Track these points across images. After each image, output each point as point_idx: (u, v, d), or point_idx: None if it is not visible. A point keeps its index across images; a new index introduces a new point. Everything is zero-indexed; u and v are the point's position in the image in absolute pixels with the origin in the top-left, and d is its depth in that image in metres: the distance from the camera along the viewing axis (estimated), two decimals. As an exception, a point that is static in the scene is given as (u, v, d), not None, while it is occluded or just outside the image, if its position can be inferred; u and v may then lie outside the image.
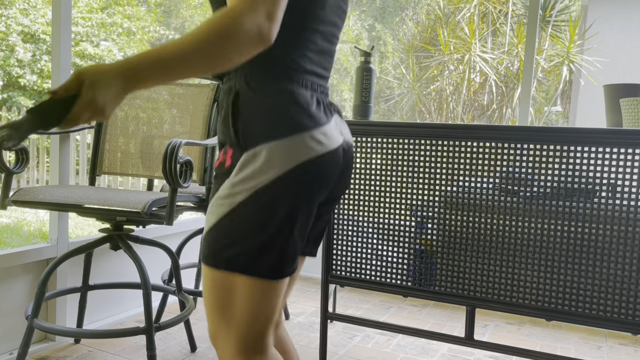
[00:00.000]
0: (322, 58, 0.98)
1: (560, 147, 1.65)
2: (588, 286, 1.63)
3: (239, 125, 0.90)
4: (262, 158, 0.88)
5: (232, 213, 0.89)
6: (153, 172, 2.15)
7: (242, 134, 0.90)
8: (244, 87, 0.92)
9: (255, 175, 0.88)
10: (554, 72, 7.12)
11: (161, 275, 2.35)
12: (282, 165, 0.87)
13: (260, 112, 0.90)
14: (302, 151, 0.89)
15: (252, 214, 0.88)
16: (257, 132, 0.89)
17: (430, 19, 8.26)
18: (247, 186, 0.88)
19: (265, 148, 0.88)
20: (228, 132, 0.92)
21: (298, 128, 0.89)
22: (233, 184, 0.89)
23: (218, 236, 0.91)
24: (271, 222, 0.89)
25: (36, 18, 8.58)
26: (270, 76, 0.91)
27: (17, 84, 8.44)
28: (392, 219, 1.89)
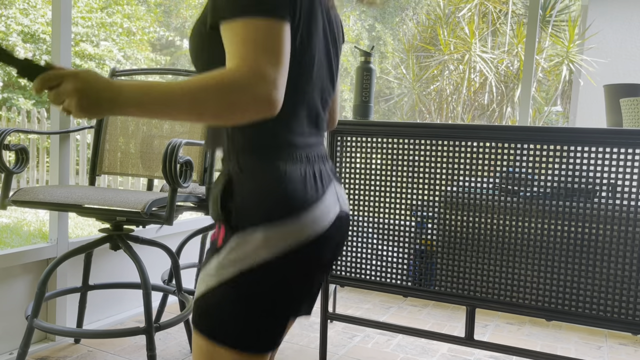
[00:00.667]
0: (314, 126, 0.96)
1: (560, 147, 1.65)
2: (588, 286, 1.63)
3: (231, 209, 0.89)
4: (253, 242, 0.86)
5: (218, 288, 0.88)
6: (153, 172, 2.15)
7: (234, 216, 0.88)
8: (236, 171, 0.90)
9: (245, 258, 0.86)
10: (554, 72, 7.12)
11: (161, 275, 2.35)
12: (271, 249, 0.86)
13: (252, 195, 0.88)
14: (294, 234, 0.87)
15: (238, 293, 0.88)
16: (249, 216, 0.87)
17: (430, 18, 8.26)
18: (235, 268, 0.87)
19: (257, 232, 0.86)
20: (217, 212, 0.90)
21: (291, 211, 0.87)
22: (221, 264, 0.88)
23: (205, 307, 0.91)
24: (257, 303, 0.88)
25: (36, 18, 8.58)
26: (262, 157, 0.89)
27: (17, 83, 8.44)
28: (392, 219, 1.89)
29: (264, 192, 0.88)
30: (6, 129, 1.78)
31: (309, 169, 0.93)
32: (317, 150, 0.97)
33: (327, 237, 0.92)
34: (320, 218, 0.90)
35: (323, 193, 0.93)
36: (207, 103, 0.75)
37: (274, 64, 0.78)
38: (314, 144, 0.96)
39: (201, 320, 0.92)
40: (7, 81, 8.43)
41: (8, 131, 1.78)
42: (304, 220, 0.88)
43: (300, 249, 0.88)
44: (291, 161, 0.90)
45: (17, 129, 1.90)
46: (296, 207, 0.88)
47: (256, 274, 0.87)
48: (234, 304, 0.88)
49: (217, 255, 0.89)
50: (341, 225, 0.98)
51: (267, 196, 0.88)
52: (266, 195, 0.88)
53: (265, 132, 0.89)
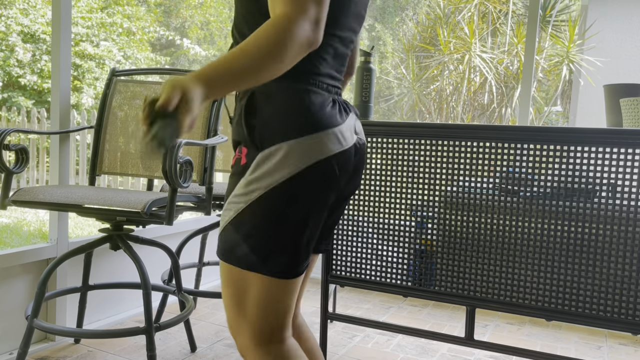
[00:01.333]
0: (338, 61, 1.01)
1: (560, 147, 1.65)
2: (588, 286, 1.63)
3: (254, 124, 0.92)
4: (278, 157, 0.89)
5: (247, 210, 0.91)
6: (153, 172, 2.15)
7: (258, 133, 0.92)
8: (260, 87, 0.94)
9: (271, 173, 0.89)
10: (554, 72, 7.12)
11: (161, 275, 2.35)
12: (298, 163, 0.89)
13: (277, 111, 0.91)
14: (318, 150, 0.91)
15: (267, 212, 0.90)
16: (273, 132, 0.91)
17: (430, 18, 8.26)
18: (263, 184, 0.90)
19: (282, 147, 0.90)
20: (242, 131, 0.94)
21: (314, 127, 0.91)
22: (249, 182, 0.91)
23: (233, 233, 0.93)
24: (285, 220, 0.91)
25: (36, 18, 8.58)
26: (288, 77, 0.92)
27: (17, 83, 8.44)
28: (392, 219, 1.89)
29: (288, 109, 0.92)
30: (6, 129, 1.78)
31: (330, 96, 0.97)
32: (337, 83, 1.01)
33: (346, 158, 0.96)
34: (340, 138, 0.94)
35: (342, 119, 0.97)
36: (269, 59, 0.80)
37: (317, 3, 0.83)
38: (335, 77, 1.00)
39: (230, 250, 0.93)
40: (7, 81, 8.43)
41: (8, 131, 1.78)
42: (325, 137, 0.92)
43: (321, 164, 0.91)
44: (315, 86, 0.95)
45: (17, 129, 1.90)
46: (318, 124, 0.92)
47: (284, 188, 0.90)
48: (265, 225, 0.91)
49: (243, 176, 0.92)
50: (359, 153, 1.02)
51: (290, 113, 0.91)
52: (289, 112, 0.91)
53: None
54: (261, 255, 0.91)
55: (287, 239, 0.92)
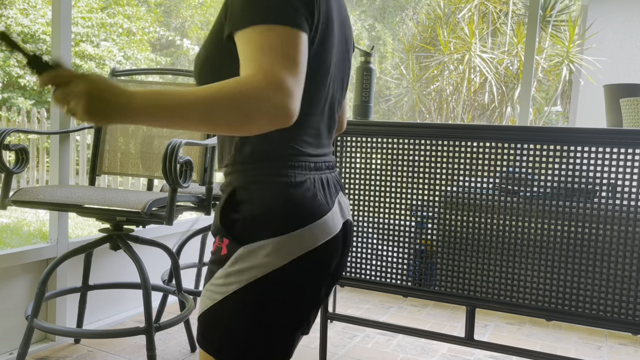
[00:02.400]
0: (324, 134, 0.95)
1: (560, 147, 1.65)
2: (588, 286, 1.63)
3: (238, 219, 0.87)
4: (262, 253, 0.84)
5: (224, 302, 0.86)
6: (153, 172, 2.15)
7: (241, 228, 0.87)
8: (242, 182, 0.88)
9: (252, 269, 0.85)
10: (554, 72, 7.12)
11: (161, 275, 2.35)
12: (280, 259, 0.85)
13: (261, 207, 0.86)
14: (301, 245, 0.86)
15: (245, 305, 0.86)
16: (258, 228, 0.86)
17: (431, 18, 8.26)
18: (242, 278, 0.85)
19: (266, 244, 0.84)
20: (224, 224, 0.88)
21: (300, 223, 0.86)
22: (228, 274, 0.86)
23: (211, 322, 0.89)
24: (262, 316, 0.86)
25: (36, 18, 8.58)
26: (269, 167, 0.87)
27: (17, 84, 8.44)
28: (392, 219, 1.89)
29: (272, 204, 0.86)
30: (6, 129, 1.78)
31: (317, 178, 0.91)
32: (324, 159, 0.95)
33: (333, 246, 0.91)
34: (328, 227, 0.89)
35: (332, 203, 0.92)
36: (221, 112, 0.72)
37: (291, 73, 0.74)
38: (323, 153, 0.95)
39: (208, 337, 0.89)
40: (7, 81, 8.43)
41: (8, 131, 1.78)
42: (311, 231, 0.87)
43: (307, 258, 0.86)
44: (300, 170, 0.89)
45: (17, 129, 1.90)
46: (305, 219, 0.87)
47: (265, 284, 0.85)
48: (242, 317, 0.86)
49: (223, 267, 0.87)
50: (346, 234, 0.97)
51: (276, 208, 0.86)
52: (275, 207, 0.86)
53: (274, 141, 0.86)
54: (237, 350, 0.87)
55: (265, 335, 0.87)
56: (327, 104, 0.94)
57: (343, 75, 0.98)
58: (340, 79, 0.97)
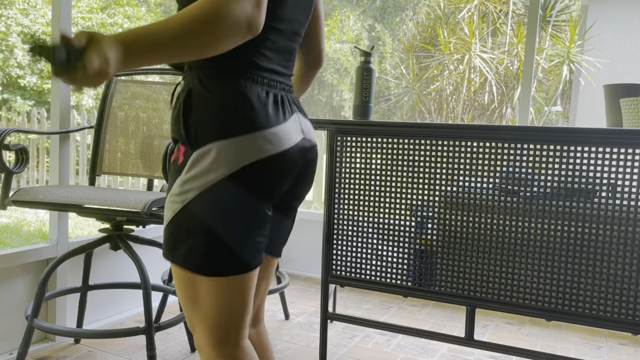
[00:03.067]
0: (282, 56, 0.97)
1: (560, 147, 1.65)
2: (588, 286, 1.63)
3: (190, 123, 0.90)
4: (212, 157, 0.87)
5: (183, 211, 0.89)
6: (153, 172, 2.15)
7: (193, 132, 0.89)
8: (197, 85, 0.91)
9: (205, 174, 0.87)
10: (554, 72, 7.12)
11: (161, 275, 2.35)
12: (231, 164, 0.87)
13: (211, 110, 0.89)
14: (252, 151, 0.88)
15: (202, 212, 0.88)
16: (208, 131, 0.88)
17: (430, 19, 8.26)
18: (197, 184, 0.88)
19: (215, 147, 0.87)
20: (179, 129, 0.91)
21: (249, 128, 0.88)
22: (184, 181, 0.89)
23: (173, 233, 0.92)
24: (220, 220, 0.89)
25: (36, 18, 8.58)
26: (225, 74, 0.90)
27: (17, 84, 8.44)
28: (392, 219, 1.89)
29: (222, 107, 0.89)
30: (6, 129, 1.78)
31: (271, 92, 0.93)
32: (282, 78, 0.97)
33: (286, 159, 0.93)
34: (279, 139, 0.91)
35: (283, 118, 0.94)
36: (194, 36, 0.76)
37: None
38: (280, 72, 0.97)
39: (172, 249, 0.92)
40: (7, 82, 8.43)
41: (8, 131, 1.78)
42: (261, 138, 0.89)
43: (257, 165, 0.89)
44: (253, 81, 0.91)
45: (17, 129, 1.90)
46: (254, 125, 0.89)
47: (217, 189, 0.87)
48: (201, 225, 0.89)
49: (180, 175, 0.90)
50: (305, 154, 0.99)
51: (225, 112, 0.88)
52: (224, 111, 0.88)
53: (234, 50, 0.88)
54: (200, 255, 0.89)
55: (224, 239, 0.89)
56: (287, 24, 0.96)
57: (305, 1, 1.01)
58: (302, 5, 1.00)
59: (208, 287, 0.92)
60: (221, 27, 0.76)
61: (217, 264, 0.90)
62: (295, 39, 1.00)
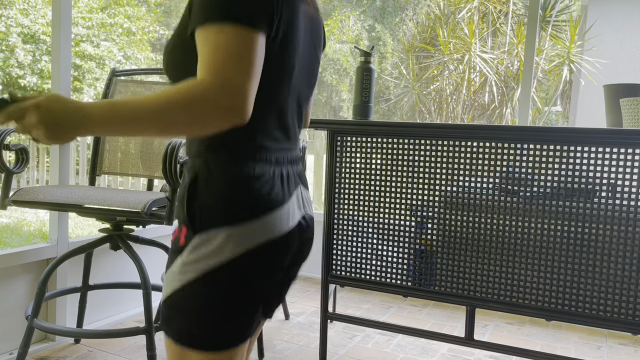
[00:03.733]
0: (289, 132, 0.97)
1: (560, 147, 1.65)
2: (588, 286, 1.63)
3: (195, 209, 0.89)
4: (215, 243, 0.87)
5: (182, 290, 0.89)
6: (153, 172, 2.15)
7: (198, 218, 0.89)
8: (204, 169, 0.90)
9: (207, 258, 0.87)
10: (554, 72, 7.12)
11: (161, 276, 2.35)
12: (235, 249, 0.87)
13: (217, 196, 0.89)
14: (257, 236, 0.88)
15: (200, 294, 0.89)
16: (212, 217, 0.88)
17: (430, 19, 8.26)
18: (198, 267, 0.88)
19: (219, 233, 0.87)
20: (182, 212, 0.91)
21: (255, 214, 0.88)
22: (184, 264, 0.89)
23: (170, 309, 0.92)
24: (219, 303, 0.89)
25: (36, 18, 8.58)
26: (231, 158, 0.89)
27: (17, 84, 8.44)
28: (392, 219, 1.89)
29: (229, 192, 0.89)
30: (6, 129, 1.78)
31: (277, 170, 0.94)
32: (287, 153, 0.97)
33: (288, 240, 0.93)
34: (283, 220, 0.92)
35: (289, 196, 0.94)
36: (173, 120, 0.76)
37: (244, 74, 0.77)
38: (285, 148, 0.97)
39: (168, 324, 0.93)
40: (7, 82, 8.43)
41: (8, 131, 1.78)
42: (266, 223, 0.89)
43: (261, 249, 0.89)
44: (260, 162, 0.91)
45: (17, 129, 1.90)
46: (260, 209, 0.89)
47: (218, 274, 0.88)
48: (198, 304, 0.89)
49: (180, 255, 0.90)
50: (304, 230, 0.99)
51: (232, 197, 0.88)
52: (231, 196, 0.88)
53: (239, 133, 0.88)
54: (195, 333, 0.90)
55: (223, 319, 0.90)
56: (292, 101, 0.96)
57: (311, 74, 1.01)
58: (307, 77, 1.00)
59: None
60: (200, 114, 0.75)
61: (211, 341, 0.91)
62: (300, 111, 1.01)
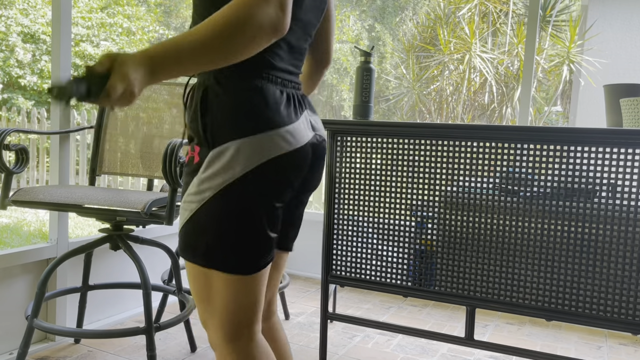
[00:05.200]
0: (294, 55, 0.99)
1: (560, 147, 1.65)
2: (588, 286, 1.63)
3: (207, 122, 0.91)
4: (229, 155, 0.89)
5: (201, 210, 0.91)
6: (153, 172, 2.15)
7: (210, 131, 0.91)
8: (213, 83, 0.92)
9: (222, 173, 0.89)
10: (554, 72, 7.12)
11: (161, 275, 2.35)
12: (248, 162, 0.89)
13: (228, 109, 0.90)
14: (268, 149, 0.90)
15: (220, 211, 0.90)
16: (224, 130, 0.90)
17: (430, 19, 8.26)
18: (214, 183, 0.89)
19: (232, 146, 0.89)
20: (196, 128, 0.93)
21: (265, 126, 0.90)
22: (201, 181, 0.91)
23: (190, 232, 0.93)
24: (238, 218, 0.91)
25: (36, 18, 8.58)
26: (240, 73, 0.92)
27: (17, 84, 8.44)
28: (392, 219, 1.89)
29: (239, 106, 0.90)
30: (6, 129, 1.78)
31: (284, 91, 0.96)
32: (293, 77, 1.00)
33: (299, 156, 0.95)
34: (293, 137, 0.93)
35: (295, 116, 0.96)
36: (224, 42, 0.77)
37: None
38: (292, 72, 0.99)
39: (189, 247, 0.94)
40: (7, 82, 8.43)
41: (8, 131, 1.78)
42: (277, 136, 0.91)
43: (273, 163, 0.91)
44: (268, 81, 0.93)
45: (17, 129, 1.90)
46: (269, 123, 0.91)
47: (234, 189, 0.89)
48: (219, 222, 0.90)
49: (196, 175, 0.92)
50: (316, 149, 1.01)
51: (242, 111, 0.90)
52: (241, 110, 0.90)
53: None
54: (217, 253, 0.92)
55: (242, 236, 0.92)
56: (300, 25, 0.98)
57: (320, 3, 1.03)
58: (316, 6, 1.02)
59: (222, 284, 0.94)
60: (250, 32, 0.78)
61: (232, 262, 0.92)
62: (306, 38, 1.02)
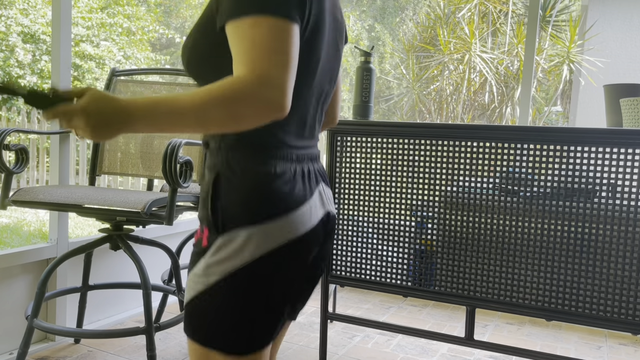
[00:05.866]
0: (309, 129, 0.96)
1: (560, 147, 1.65)
2: (588, 286, 1.63)
3: (217, 208, 0.88)
4: (239, 242, 0.86)
5: (206, 293, 0.88)
6: (153, 172, 2.15)
7: (221, 218, 0.88)
8: (225, 168, 0.89)
9: (230, 259, 0.86)
10: (554, 72, 7.12)
11: (161, 275, 2.35)
12: (258, 249, 0.86)
13: (239, 195, 0.87)
14: (280, 235, 0.87)
15: (226, 296, 0.88)
16: (235, 216, 0.87)
17: (430, 19, 8.26)
18: (221, 269, 0.87)
19: (243, 233, 0.86)
20: (206, 212, 0.90)
21: (278, 213, 0.87)
22: (208, 265, 0.88)
23: (195, 312, 0.91)
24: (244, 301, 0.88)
25: (36, 18, 8.58)
26: (252, 155, 0.88)
27: (17, 84, 8.43)
28: (392, 219, 1.89)
29: (251, 191, 0.87)
30: (6, 129, 1.78)
31: (299, 168, 0.92)
32: (308, 150, 0.96)
33: (311, 238, 0.92)
34: (306, 219, 0.90)
35: (310, 194, 0.93)
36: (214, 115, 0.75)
37: (282, 68, 0.76)
38: (306, 145, 0.96)
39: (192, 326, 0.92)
40: (7, 82, 8.42)
41: (8, 131, 1.78)
42: (289, 221, 0.88)
43: (284, 248, 0.88)
44: (282, 160, 0.90)
45: (17, 129, 1.90)
46: (282, 208, 0.88)
47: (243, 275, 0.86)
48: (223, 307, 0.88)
49: (203, 257, 0.89)
50: (326, 227, 0.98)
51: (254, 196, 0.87)
52: (253, 195, 0.87)
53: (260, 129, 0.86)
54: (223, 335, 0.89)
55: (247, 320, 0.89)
56: (315, 97, 0.95)
57: (333, 70, 0.99)
58: (329, 74, 0.98)
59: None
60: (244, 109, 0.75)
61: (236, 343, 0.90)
62: (321, 108, 0.99)
